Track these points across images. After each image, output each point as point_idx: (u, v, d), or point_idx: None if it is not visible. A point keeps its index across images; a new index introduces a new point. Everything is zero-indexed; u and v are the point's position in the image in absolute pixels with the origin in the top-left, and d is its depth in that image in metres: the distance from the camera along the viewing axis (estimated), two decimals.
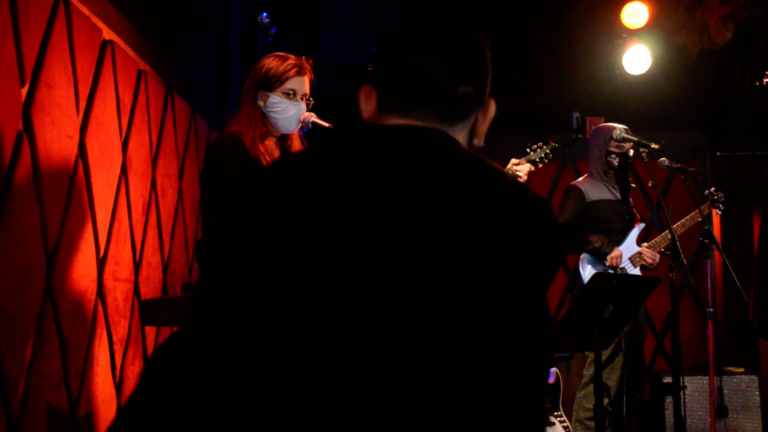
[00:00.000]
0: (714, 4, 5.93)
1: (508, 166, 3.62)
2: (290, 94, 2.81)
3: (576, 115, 6.44)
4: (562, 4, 6.33)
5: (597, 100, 6.46)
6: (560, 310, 6.35)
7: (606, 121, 4.87)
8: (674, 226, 4.03)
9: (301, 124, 2.87)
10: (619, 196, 4.33)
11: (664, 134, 6.11)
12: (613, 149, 4.29)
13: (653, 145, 3.99)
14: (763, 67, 5.96)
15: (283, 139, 2.91)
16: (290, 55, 2.88)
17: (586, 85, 6.48)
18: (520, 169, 3.58)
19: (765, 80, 5.79)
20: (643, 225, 4.34)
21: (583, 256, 4.21)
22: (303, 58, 2.89)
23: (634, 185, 4.46)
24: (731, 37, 5.98)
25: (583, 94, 6.51)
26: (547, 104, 6.59)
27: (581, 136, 6.39)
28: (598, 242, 4.17)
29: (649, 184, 4.01)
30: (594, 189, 4.32)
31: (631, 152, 4.32)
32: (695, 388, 5.21)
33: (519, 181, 1.19)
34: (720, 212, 4.63)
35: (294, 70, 2.82)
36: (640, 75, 6.11)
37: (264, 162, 2.77)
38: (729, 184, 6.63)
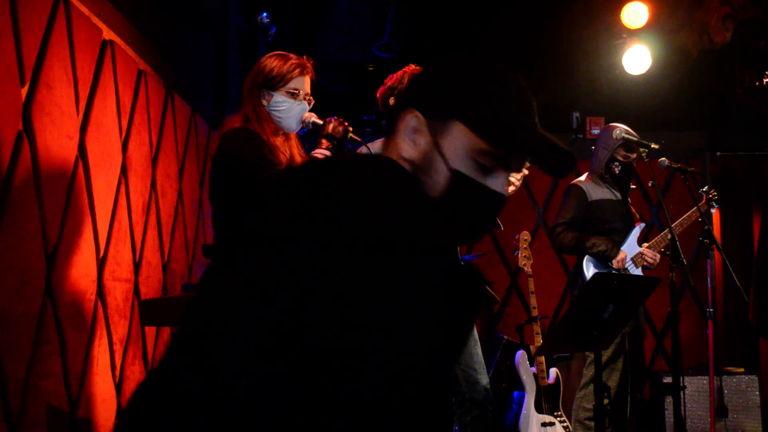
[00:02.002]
0: (714, 4, 5.93)
1: None
2: (294, 94, 2.82)
3: (576, 115, 6.44)
4: (562, 4, 6.34)
5: (597, 100, 6.46)
6: (560, 310, 6.34)
7: (606, 122, 4.88)
8: (673, 224, 4.03)
9: (302, 125, 2.87)
10: (619, 196, 4.33)
11: (664, 134, 6.11)
12: (619, 158, 4.26)
13: (653, 145, 3.99)
14: (763, 67, 5.96)
15: (286, 137, 2.91)
16: (291, 54, 2.88)
17: (586, 85, 6.48)
18: (513, 175, 3.58)
19: (765, 80, 5.79)
20: (643, 225, 4.35)
21: (587, 258, 4.21)
22: (304, 57, 2.89)
23: (633, 186, 4.45)
24: (731, 37, 5.98)
25: (583, 94, 6.51)
26: (547, 104, 6.59)
27: (581, 136, 6.39)
28: (602, 245, 4.16)
29: (649, 184, 4.01)
30: (595, 189, 4.32)
31: (636, 161, 4.31)
32: (695, 388, 5.21)
33: None
34: (713, 210, 4.62)
35: (297, 70, 2.82)
36: (640, 75, 6.11)
37: (281, 158, 2.75)
38: (729, 184, 6.63)
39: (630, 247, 4.25)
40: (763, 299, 5.84)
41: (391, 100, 3.52)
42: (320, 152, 2.77)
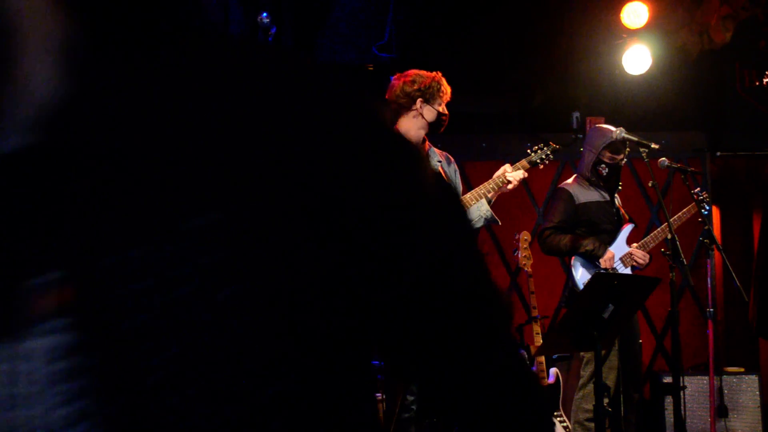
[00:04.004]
0: (714, 4, 5.94)
1: (500, 172, 3.63)
2: None
3: (576, 115, 6.44)
4: (562, 4, 6.33)
5: (597, 100, 6.47)
6: (560, 310, 6.34)
7: (606, 122, 4.87)
8: (671, 219, 4.03)
9: None
10: (608, 197, 4.34)
11: (664, 134, 6.12)
12: (605, 159, 4.26)
13: (653, 145, 3.99)
14: (763, 67, 5.96)
15: None
16: None
17: (586, 85, 6.49)
18: (514, 175, 3.61)
19: (765, 80, 5.80)
20: (632, 226, 4.35)
21: (575, 258, 4.23)
22: None
23: (621, 186, 4.45)
24: (731, 37, 5.98)
25: (583, 94, 6.51)
26: (547, 104, 6.59)
27: (581, 136, 6.39)
28: (590, 245, 4.18)
29: (649, 184, 4.02)
30: (583, 191, 4.32)
31: (624, 161, 4.32)
32: (695, 388, 5.21)
33: None
34: (705, 212, 4.62)
35: None
36: (640, 75, 6.11)
37: None
38: (729, 184, 6.63)
39: (618, 247, 4.26)
40: (763, 299, 5.84)
41: (420, 101, 3.60)
42: None
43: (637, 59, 6.04)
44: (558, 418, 4.58)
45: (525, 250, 4.81)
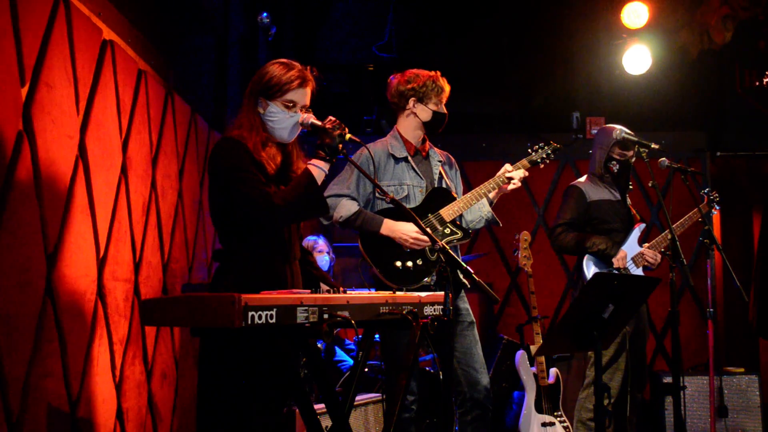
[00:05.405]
0: (714, 4, 5.94)
1: (501, 171, 3.61)
2: (289, 106, 2.78)
3: (576, 115, 6.44)
4: (562, 4, 6.34)
5: (597, 100, 6.47)
6: (560, 310, 6.34)
7: (606, 122, 4.88)
8: (674, 225, 4.02)
9: (300, 126, 2.85)
10: (619, 196, 4.34)
11: (664, 134, 6.12)
12: (615, 156, 4.27)
13: (653, 145, 3.98)
14: (763, 67, 5.97)
15: (284, 145, 2.88)
16: (295, 64, 2.82)
17: (586, 85, 6.49)
18: (514, 174, 3.59)
19: (765, 80, 5.80)
20: (643, 225, 4.34)
21: (587, 257, 4.21)
22: (308, 68, 2.85)
23: (632, 186, 4.45)
24: (731, 37, 5.98)
25: (583, 94, 6.51)
26: (547, 104, 6.59)
27: (581, 136, 6.39)
28: (602, 244, 4.16)
29: (649, 184, 4.01)
30: (594, 189, 4.32)
31: (633, 159, 4.32)
32: (695, 388, 5.21)
33: None
34: (714, 212, 4.62)
35: (297, 81, 2.77)
36: (640, 75, 6.11)
37: (268, 168, 2.74)
38: (729, 184, 6.63)
39: (630, 247, 4.25)
40: (763, 299, 5.85)
41: (412, 101, 3.58)
42: (316, 164, 2.75)
43: (637, 59, 6.04)
44: (558, 418, 4.58)
45: (525, 251, 4.81)
